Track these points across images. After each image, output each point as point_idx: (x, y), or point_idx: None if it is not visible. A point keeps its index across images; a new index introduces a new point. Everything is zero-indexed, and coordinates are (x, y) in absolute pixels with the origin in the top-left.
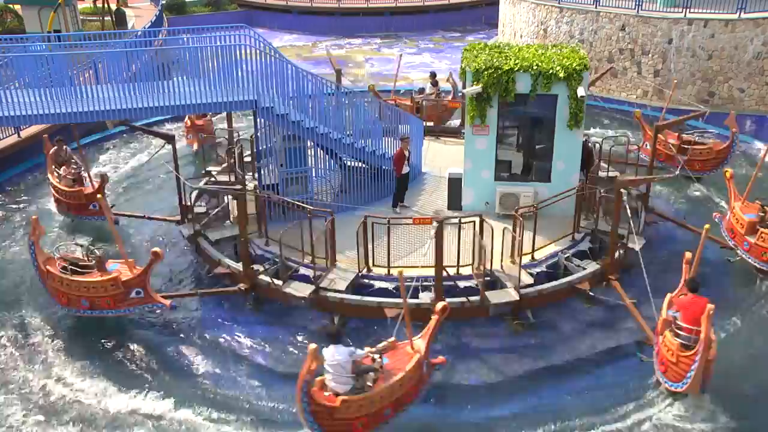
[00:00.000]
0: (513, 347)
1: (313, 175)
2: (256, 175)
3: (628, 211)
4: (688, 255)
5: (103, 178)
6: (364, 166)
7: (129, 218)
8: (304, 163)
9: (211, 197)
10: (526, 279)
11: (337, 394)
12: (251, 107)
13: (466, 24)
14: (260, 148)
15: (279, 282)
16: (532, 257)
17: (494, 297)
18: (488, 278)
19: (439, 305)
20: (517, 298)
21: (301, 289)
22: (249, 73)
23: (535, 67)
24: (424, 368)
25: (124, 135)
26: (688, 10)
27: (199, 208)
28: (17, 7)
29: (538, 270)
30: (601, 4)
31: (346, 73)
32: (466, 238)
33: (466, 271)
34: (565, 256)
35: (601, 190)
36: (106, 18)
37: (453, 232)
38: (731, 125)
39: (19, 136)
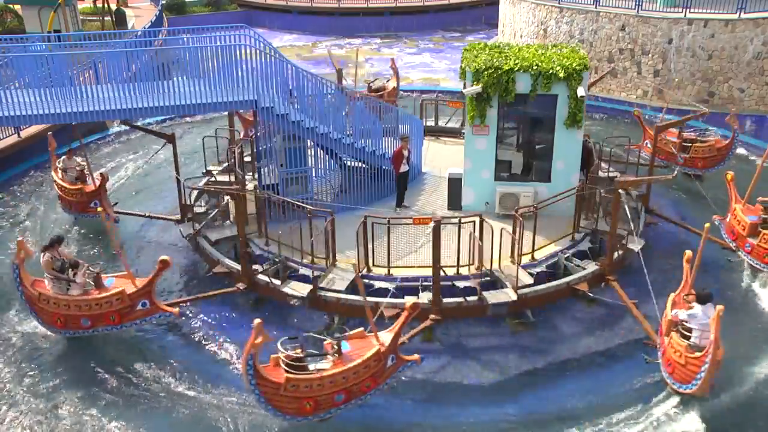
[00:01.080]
0: (513, 347)
1: (313, 175)
2: (256, 175)
3: (627, 211)
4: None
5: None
6: (364, 166)
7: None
8: (304, 163)
9: (211, 197)
10: (526, 279)
11: (699, 349)
12: (251, 107)
13: (466, 24)
14: (260, 148)
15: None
16: (532, 257)
17: (492, 297)
18: (488, 278)
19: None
20: (515, 299)
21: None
22: (249, 73)
23: (535, 67)
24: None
25: (123, 136)
26: (688, 10)
27: (199, 208)
28: (17, 7)
29: (538, 270)
30: (601, 4)
31: (346, 73)
32: (466, 238)
33: (465, 271)
34: (565, 256)
35: (602, 191)
36: (106, 18)
37: (453, 232)
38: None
39: (19, 136)
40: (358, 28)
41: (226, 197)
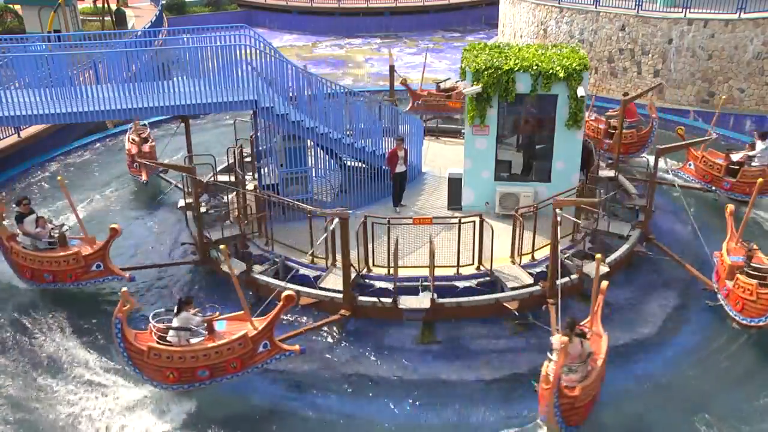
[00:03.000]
0: (513, 346)
1: (313, 175)
2: (256, 175)
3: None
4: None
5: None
6: (364, 166)
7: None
8: (304, 163)
9: (212, 197)
10: (526, 279)
11: None
12: (251, 107)
13: (466, 24)
14: (260, 148)
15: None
16: (532, 257)
17: (407, 303)
18: (488, 278)
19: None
20: (427, 306)
21: (418, 302)
22: (249, 73)
23: (535, 67)
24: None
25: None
26: (688, 10)
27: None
28: (17, 7)
29: (538, 270)
30: (601, 4)
31: (344, 74)
32: (466, 238)
33: (466, 271)
34: (565, 256)
35: (601, 191)
36: (106, 18)
37: (453, 232)
38: None
39: (19, 136)
40: (358, 28)
41: (226, 197)
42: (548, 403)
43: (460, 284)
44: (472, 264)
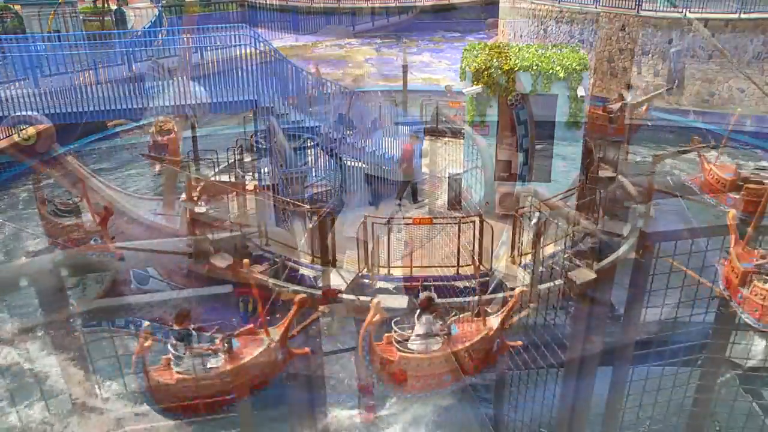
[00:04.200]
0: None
1: (313, 175)
2: (256, 175)
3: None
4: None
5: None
6: (364, 166)
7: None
8: (304, 163)
9: (211, 197)
10: (526, 279)
11: None
12: (251, 107)
13: (466, 24)
14: (260, 147)
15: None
16: (532, 257)
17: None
18: (487, 278)
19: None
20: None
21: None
22: (249, 73)
23: (535, 67)
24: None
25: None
26: (688, 10)
27: (199, 209)
28: (17, 7)
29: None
30: (601, 4)
31: (344, 74)
32: (468, 238)
33: (465, 271)
34: (565, 256)
35: (602, 190)
36: (106, 18)
37: (453, 232)
38: None
39: (19, 135)
40: (358, 28)
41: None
42: None
43: (460, 284)
44: (472, 264)
